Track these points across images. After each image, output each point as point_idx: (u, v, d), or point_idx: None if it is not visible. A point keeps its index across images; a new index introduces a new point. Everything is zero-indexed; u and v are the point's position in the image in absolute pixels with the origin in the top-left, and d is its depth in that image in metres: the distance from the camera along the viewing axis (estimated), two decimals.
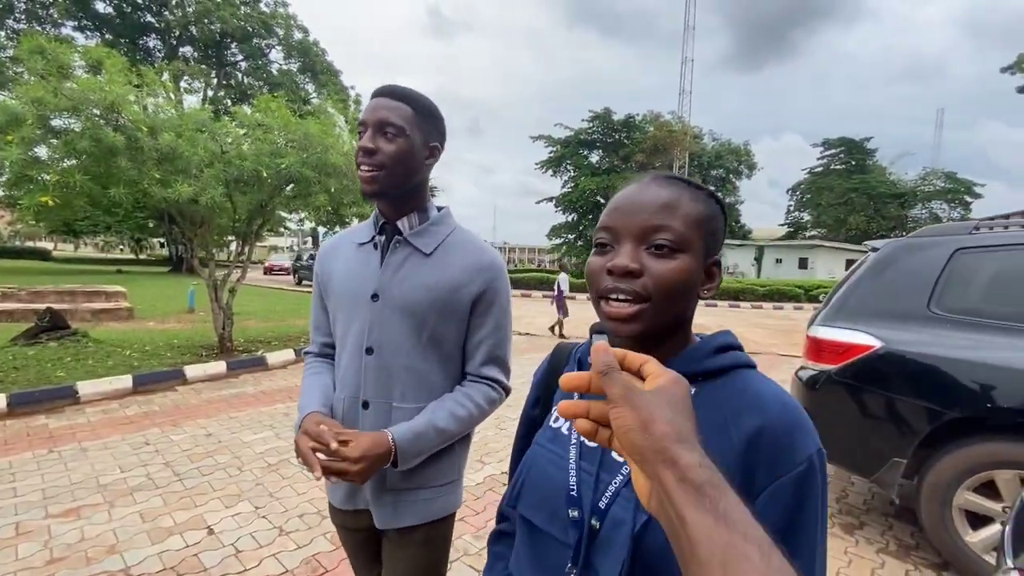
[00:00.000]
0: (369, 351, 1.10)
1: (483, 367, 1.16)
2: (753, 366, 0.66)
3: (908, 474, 2.58)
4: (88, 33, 27.01)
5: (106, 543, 2.45)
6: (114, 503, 2.85)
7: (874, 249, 3.07)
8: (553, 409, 0.76)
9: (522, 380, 6.16)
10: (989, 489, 2.40)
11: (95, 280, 15.06)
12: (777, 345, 9.79)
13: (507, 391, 1.20)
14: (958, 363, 2.47)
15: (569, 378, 0.46)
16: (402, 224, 1.13)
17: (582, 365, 0.77)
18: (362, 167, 1.05)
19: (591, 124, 36.27)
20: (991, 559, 2.33)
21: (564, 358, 0.81)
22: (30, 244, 50.20)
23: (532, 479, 0.70)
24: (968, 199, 41.59)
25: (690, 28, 44.67)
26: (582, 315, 11.37)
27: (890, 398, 2.65)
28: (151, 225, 29.79)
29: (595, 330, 0.53)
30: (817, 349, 2.96)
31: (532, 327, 11.10)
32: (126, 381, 5.01)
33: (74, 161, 4.95)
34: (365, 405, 1.11)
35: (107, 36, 26.56)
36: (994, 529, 2.36)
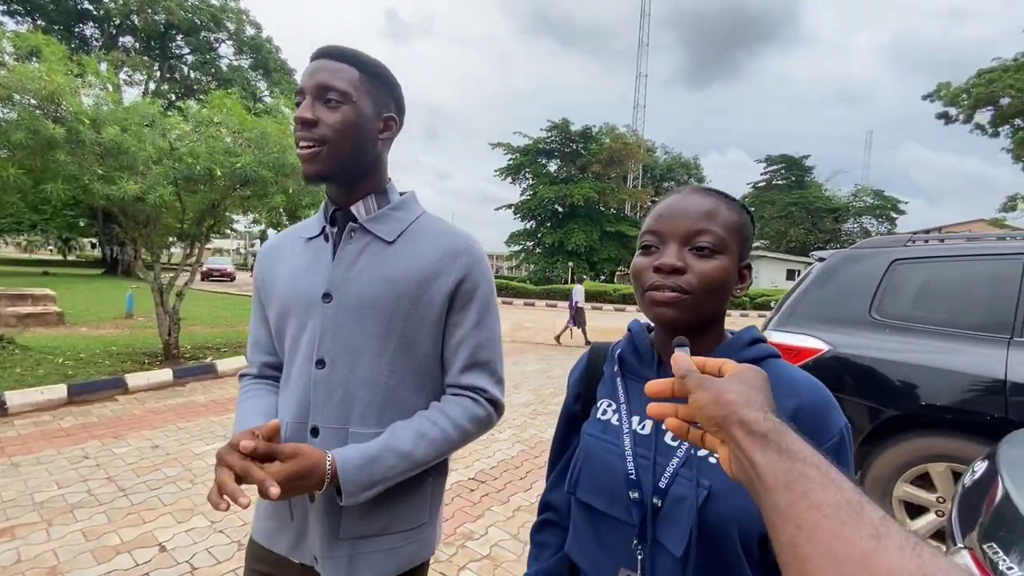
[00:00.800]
0: (320, 364, 0.89)
1: (464, 374, 0.95)
2: (779, 356, 0.73)
3: (853, 469, 2.77)
4: (19, 18, 25.07)
5: (46, 564, 2.27)
6: (52, 521, 2.64)
7: (820, 259, 3.29)
8: (599, 402, 0.80)
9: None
10: (924, 481, 2.61)
11: (18, 283, 13.88)
12: None
13: (498, 407, 0.98)
14: (895, 365, 2.69)
15: (653, 384, 0.53)
16: (356, 209, 0.94)
17: (623, 362, 0.80)
18: (300, 143, 0.86)
19: (549, 134, 36.83)
20: None
21: (602, 356, 0.86)
22: None
23: (589, 467, 0.75)
24: (894, 215, 45.03)
25: (644, 45, 46.29)
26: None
27: (837, 398, 2.83)
28: (82, 224, 27.83)
29: (678, 344, 0.57)
30: None
31: None
32: (60, 391, 4.66)
33: (5, 153, 4.59)
34: (314, 432, 0.89)
35: (39, 22, 24.72)
36: (930, 518, 2.57)
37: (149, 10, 26.06)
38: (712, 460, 0.65)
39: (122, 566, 2.31)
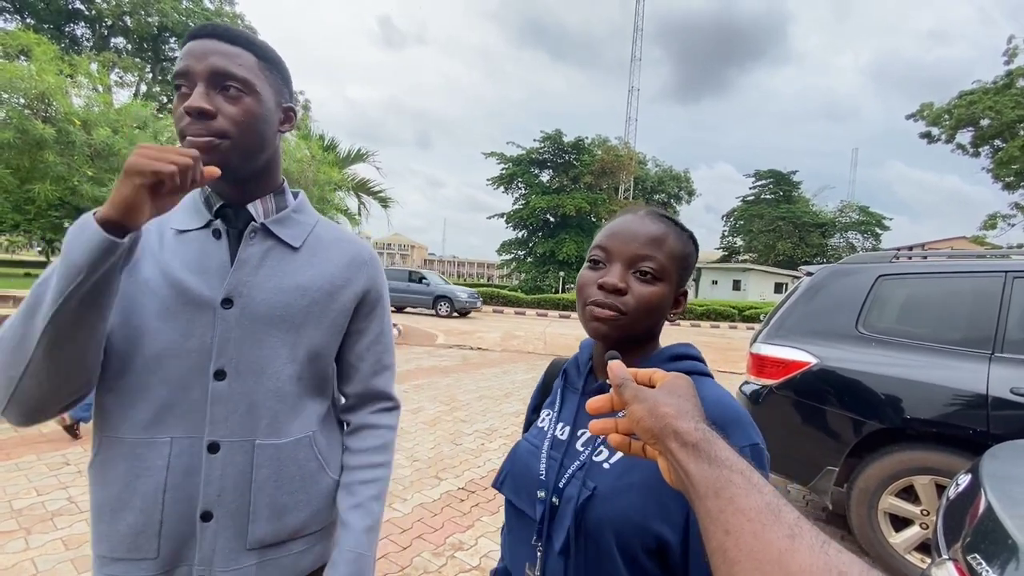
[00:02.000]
0: (220, 375, 0.82)
1: (372, 379, 0.97)
2: (708, 375, 0.76)
3: (839, 481, 2.80)
4: (7, 16, 24.82)
5: (25, 573, 2.22)
6: (31, 529, 2.58)
7: (809, 274, 3.35)
8: (542, 412, 0.86)
9: (476, 395, 6.13)
10: (909, 494, 2.64)
11: (0, 284, 13.60)
12: (716, 362, 10.30)
13: (398, 408, 1.04)
14: (880, 378, 2.73)
15: (593, 401, 0.55)
16: (254, 209, 0.86)
17: (566, 374, 0.86)
18: (191, 135, 0.74)
19: (542, 144, 37.12)
20: (912, 558, 2.56)
21: (557, 371, 0.91)
22: None
23: (515, 467, 0.81)
24: (879, 231, 45.91)
25: (636, 59, 46.96)
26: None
27: (824, 411, 2.87)
28: (67, 225, 27.35)
29: (610, 357, 0.59)
30: (759, 365, 3.17)
31: (483, 342, 11.10)
32: None
33: None
34: (213, 448, 0.82)
35: (28, 20, 24.50)
36: (914, 530, 2.60)
37: (142, 12, 25.94)
38: (606, 465, 0.69)
39: None
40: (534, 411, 0.95)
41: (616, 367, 0.54)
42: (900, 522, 2.68)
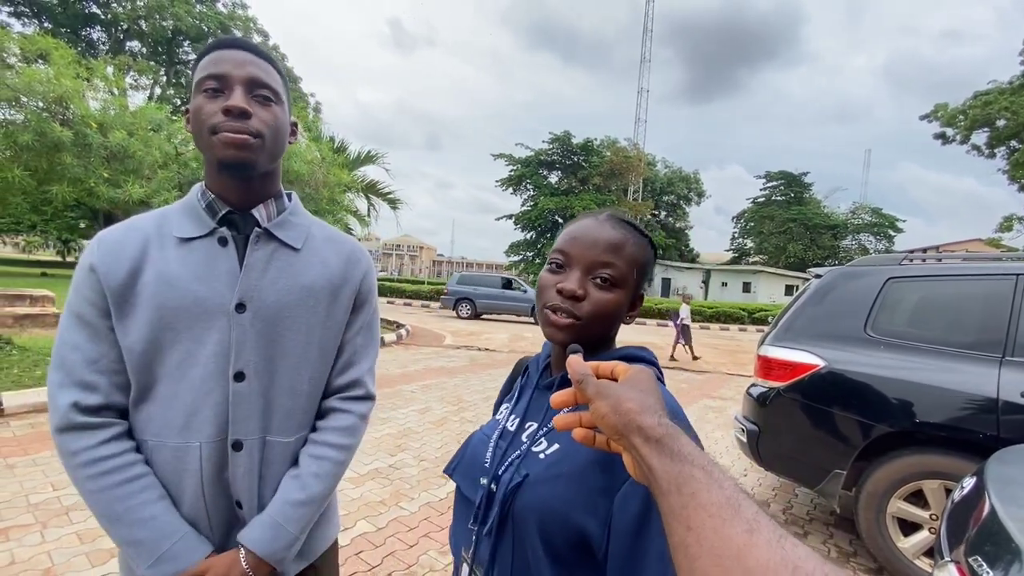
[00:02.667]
0: (240, 376, 0.86)
1: (349, 367, 1.00)
2: (660, 380, 0.75)
3: (847, 485, 2.79)
4: (25, 20, 25.34)
5: (40, 566, 2.27)
6: (47, 524, 2.63)
7: (817, 276, 3.34)
8: (503, 405, 0.89)
9: (483, 396, 6.13)
10: (917, 498, 2.62)
11: (16, 283, 13.86)
12: (725, 364, 10.25)
13: (372, 399, 1.04)
14: (889, 382, 2.71)
15: (557, 396, 0.55)
16: (259, 213, 0.90)
17: (527, 371, 0.89)
18: (227, 131, 0.80)
19: (551, 146, 37.15)
20: (921, 564, 2.54)
21: (521, 368, 0.94)
22: None
23: (466, 454, 0.83)
24: (892, 233, 45.38)
25: (646, 60, 46.82)
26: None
27: (832, 414, 2.86)
28: (82, 226, 27.86)
29: (572, 351, 0.60)
30: (767, 367, 3.16)
31: (491, 343, 11.12)
32: None
33: (10, 154, 4.63)
34: (237, 446, 0.87)
35: (47, 25, 24.97)
36: (923, 535, 2.58)
37: (157, 16, 26.38)
38: (541, 456, 0.70)
39: (116, 569, 2.29)
40: (496, 410, 0.98)
41: (575, 362, 0.54)
42: (909, 526, 2.65)
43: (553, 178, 38.60)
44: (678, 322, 10.76)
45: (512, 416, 0.82)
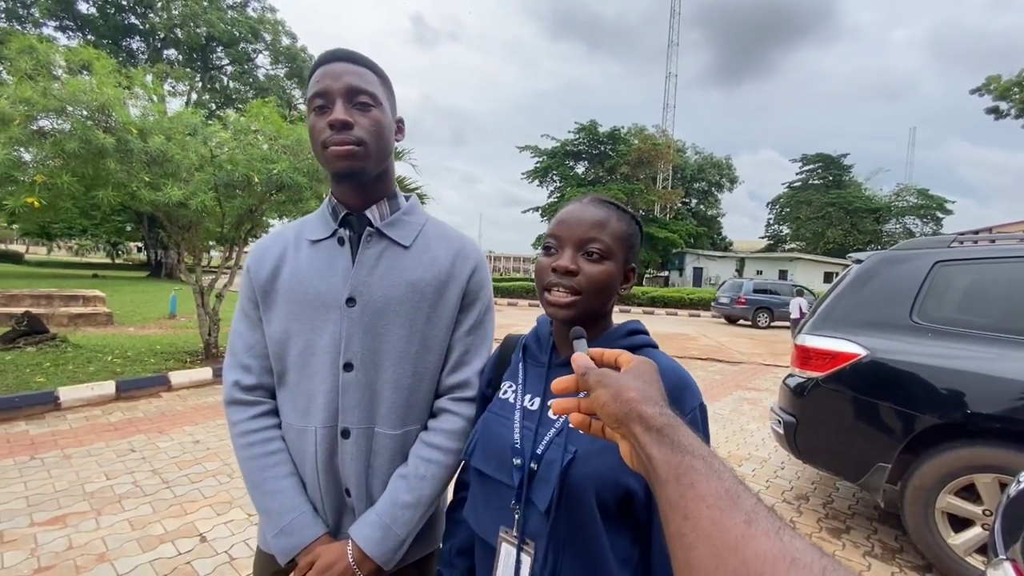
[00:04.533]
0: (348, 367, 0.91)
1: (460, 367, 0.99)
2: (655, 346, 0.85)
3: (892, 479, 2.67)
4: (70, 33, 26.56)
5: (95, 551, 2.40)
6: (101, 511, 2.78)
7: (857, 261, 3.19)
8: (503, 384, 0.92)
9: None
10: (970, 492, 2.49)
11: (70, 284, 14.68)
12: (761, 355, 9.97)
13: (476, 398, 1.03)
14: (939, 371, 2.58)
15: (558, 382, 0.57)
16: (372, 214, 0.96)
17: (526, 349, 0.92)
18: (334, 145, 0.86)
19: (577, 136, 36.72)
20: (973, 561, 2.42)
21: (512, 346, 0.97)
22: (0, 247, 48.71)
23: (484, 438, 0.86)
24: (940, 215, 43.02)
25: (674, 44, 45.63)
26: None
27: (875, 404, 2.74)
28: (129, 229, 29.20)
29: (575, 335, 0.64)
30: (805, 357, 3.05)
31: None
32: (109, 387, 4.90)
33: (60, 163, 4.87)
34: (345, 434, 0.92)
35: (89, 37, 26.13)
36: (975, 531, 2.45)
37: (191, 24, 27.22)
38: (582, 432, 0.74)
39: (165, 555, 2.42)
40: (488, 385, 0.98)
41: (579, 358, 0.56)
42: (959, 522, 2.53)
43: (580, 168, 38.18)
44: (800, 313, 10.68)
45: (528, 396, 0.85)
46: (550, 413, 0.79)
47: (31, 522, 2.62)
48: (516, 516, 0.76)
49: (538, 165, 37.82)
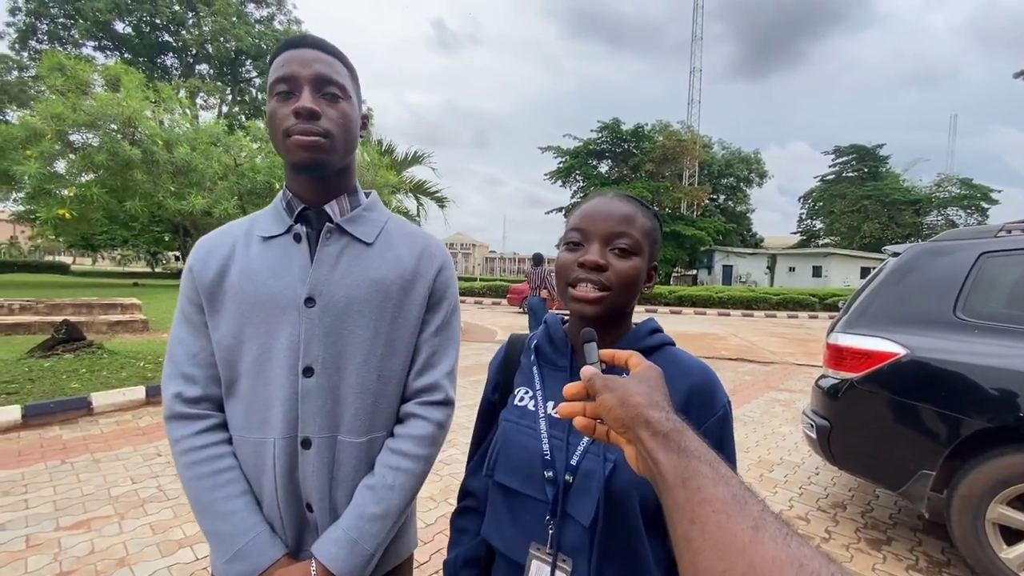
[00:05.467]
0: (308, 372, 0.85)
1: (427, 369, 0.94)
2: (674, 343, 0.84)
3: (937, 487, 2.48)
4: (108, 52, 27.81)
5: (116, 556, 2.43)
6: (125, 515, 2.83)
7: (895, 254, 3.00)
8: (517, 390, 0.86)
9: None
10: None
11: (112, 293, 15.27)
12: (794, 354, 9.62)
13: (450, 405, 0.98)
14: (988, 370, 2.38)
15: (570, 388, 0.57)
16: (331, 209, 0.90)
17: (540, 352, 0.87)
18: (298, 134, 0.81)
19: (600, 134, 36.40)
20: None
21: (519, 347, 0.92)
22: (49, 258, 51.31)
23: (507, 450, 0.80)
24: (985, 205, 40.98)
25: (697, 38, 44.81)
26: None
27: (917, 407, 2.55)
28: (167, 238, 30.34)
29: (586, 338, 0.63)
30: (838, 357, 2.88)
31: None
32: (139, 392, 5.03)
33: (91, 175, 5.04)
34: (306, 444, 0.85)
35: (126, 55, 27.30)
36: None
37: (221, 39, 28.16)
38: None
39: (183, 560, 2.43)
40: (495, 390, 0.92)
41: (586, 370, 0.56)
42: (1013, 535, 2.33)
43: (603, 167, 37.83)
44: None
45: (552, 403, 0.80)
46: (554, 413, 0.78)
47: (57, 526, 2.67)
48: (550, 531, 0.73)
49: (561, 165, 37.65)
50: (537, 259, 8.77)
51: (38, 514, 2.79)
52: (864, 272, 31.66)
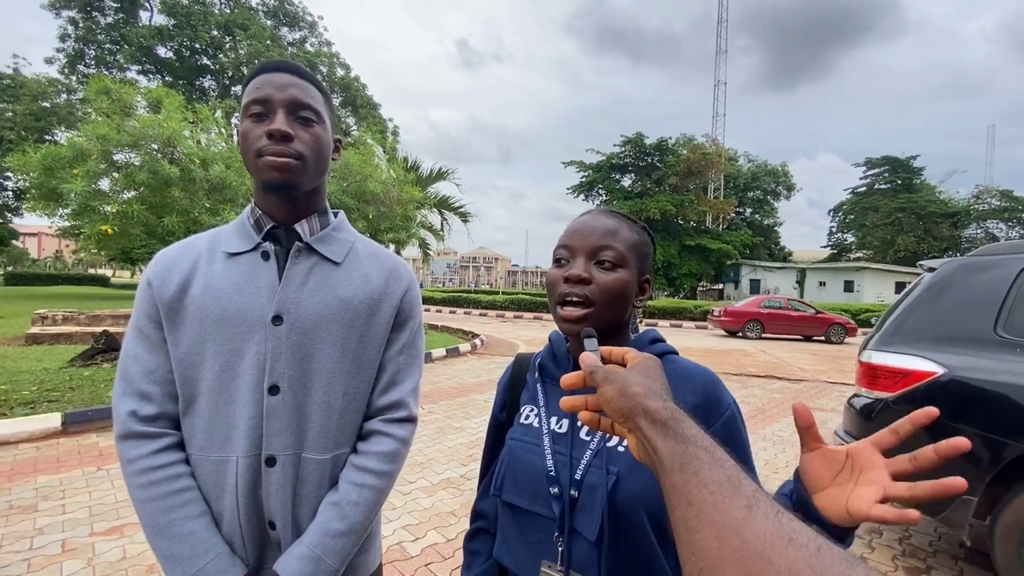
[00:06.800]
0: (274, 390, 0.85)
1: (391, 387, 0.96)
2: (676, 352, 0.85)
3: (980, 513, 2.36)
4: (150, 76, 29.23)
5: (146, 562, 2.49)
6: None
7: (930, 269, 2.90)
8: (523, 408, 0.87)
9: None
10: None
11: None
12: (826, 372, 9.32)
13: (413, 422, 0.98)
14: None
15: (567, 377, 0.57)
16: (301, 228, 0.92)
17: (543, 368, 0.89)
18: (271, 155, 0.82)
19: (623, 148, 36.36)
20: None
21: (525, 366, 0.94)
22: (91, 271, 53.61)
23: (512, 469, 0.81)
24: None
25: (722, 52, 44.62)
26: None
27: (956, 429, 2.44)
28: None
29: (586, 335, 0.64)
30: (872, 375, 2.79)
31: None
32: None
33: (133, 193, 5.28)
34: (270, 461, 0.85)
35: (167, 78, 28.66)
36: None
37: (256, 61, 29.28)
38: (620, 448, 0.73)
39: None
40: (503, 409, 0.94)
41: (586, 357, 0.56)
42: None
43: (626, 181, 37.70)
44: None
45: (553, 418, 0.82)
46: (582, 434, 0.78)
47: (91, 532, 2.76)
48: (560, 549, 0.73)
49: (583, 179, 37.68)
50: None
51: (74, 519, 2.89)
52: (899, 287, 30.60)
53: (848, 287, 34.17)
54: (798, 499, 0.60)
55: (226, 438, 0.85)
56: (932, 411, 0.54)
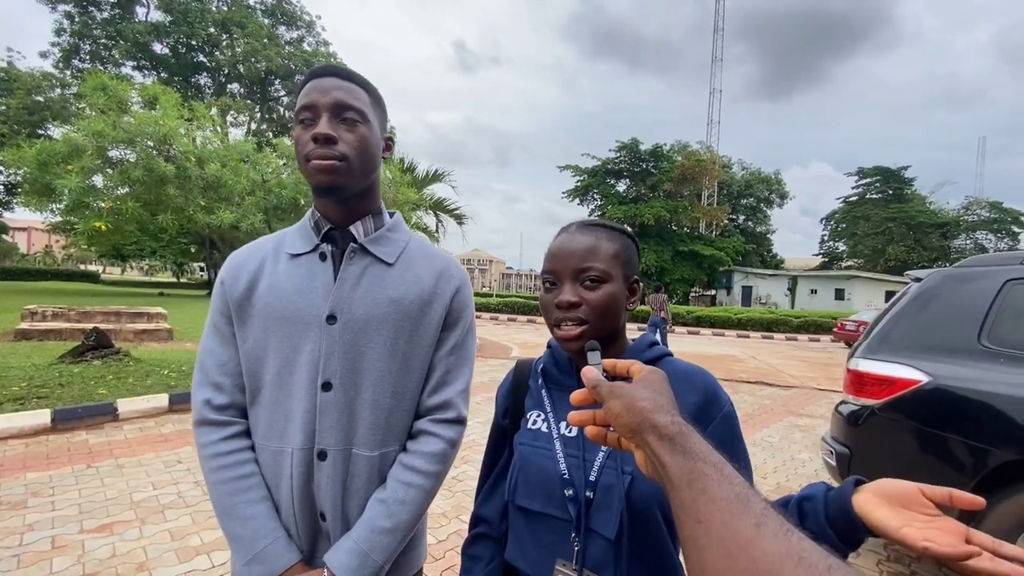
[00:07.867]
0: (327, 386, 0.89)
1: (441, 387, 0.97)
2: (672, 355, 0.87)
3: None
4: (145, 72, 29.06)
5: (136, 560, 2.49)
6: (145, 520, 2.89)
7: (917, 279, 2.96)
8: (529, 413, 0.90)
9: None
10: None
11: (139, 302, 15.70)
12: (816, 379, 9.41)
13: (462, 423, 1.00)
14: (1015, 400, 2.32)
15: (577, 394, 0.58)
16: (356, 230, 0.94)
17: (547, 374, 0.91)
18: (316, 158, 0.85)
19: (618, 154, 36.55)
20: None
21: (527, 372, 0.96)
22: (81, 267, 53.06)
23: (524, 473, 0.83)
24: (1016, 229, 39.84)
25: (717, 59, 44.99)
26: None
27: (940, 436, 2.49)
28: (193, 250, 31.18)
29: (589, 348, 0.66)
30: (859, 383, 2.83)
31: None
32: (162, 399, 5.15)
33: (127, 189, 5.26)
34: (322, 455, 0.89)
35: (163, 75, 28.50)
36: None
37: (252, 59, 29.21)
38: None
39: (200, 567, 2.47)
40: (505, 415, 0.95)
41: (588, 372, 0.57)
42: None
43: (621, 186, 37.90)
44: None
45: (563, 423, 0.84)
46: (567, 426, 0.81)
47: (81, 529, 2.75)
48: (576, 548, 0.76)
49: (578, 184, 37.83)
50: (657, 287, 11.43)
51: (64, 516, 2.87)
52: (889, 296, 30.89)
53: (839, 295, 34.46)
54: (840, 493, 0.63)
55: (283, 430, 0.90)
56: (978, 500, 0.56)
